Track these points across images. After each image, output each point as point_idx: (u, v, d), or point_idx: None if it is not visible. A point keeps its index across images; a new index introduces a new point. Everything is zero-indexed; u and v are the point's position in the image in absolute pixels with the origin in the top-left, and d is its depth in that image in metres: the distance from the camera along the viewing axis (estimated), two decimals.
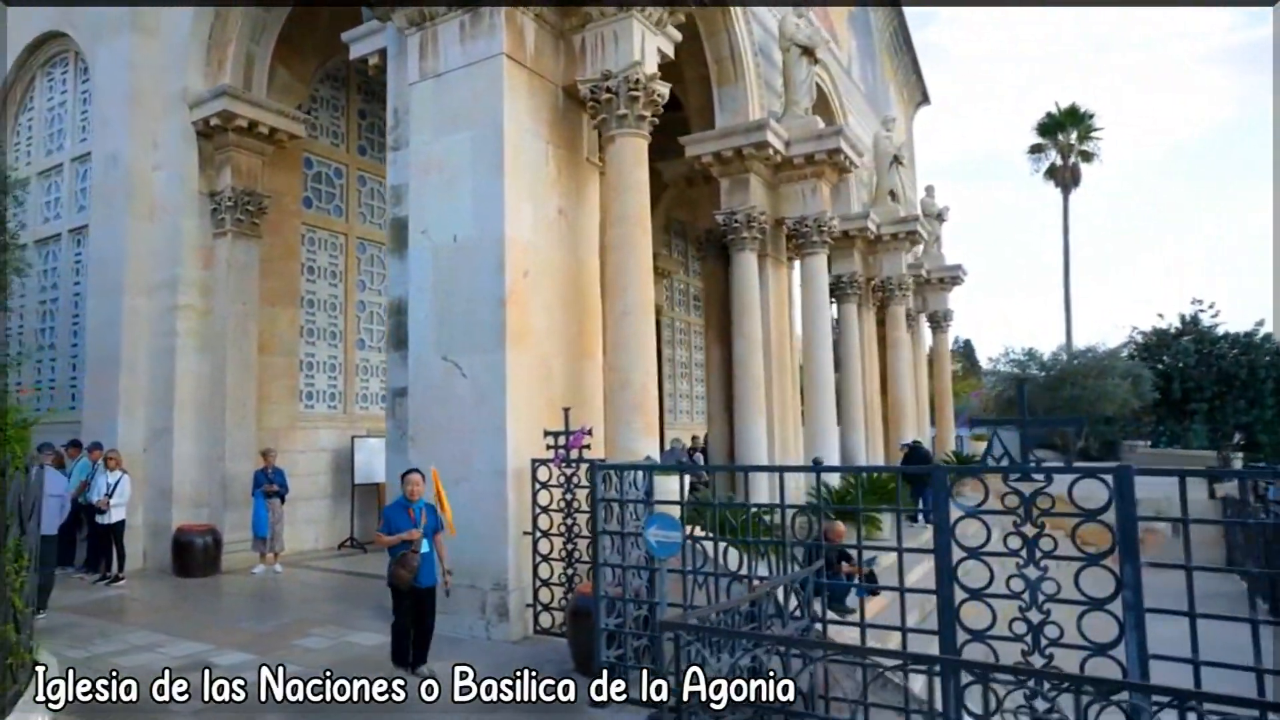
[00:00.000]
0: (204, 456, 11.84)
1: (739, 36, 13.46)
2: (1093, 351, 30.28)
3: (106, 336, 11.90)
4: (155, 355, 11.85)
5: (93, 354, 12.14)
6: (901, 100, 25.50)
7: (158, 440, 11.78)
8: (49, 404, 13.29)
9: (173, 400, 11.65)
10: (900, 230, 18.80)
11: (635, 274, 8.87)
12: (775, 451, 13.99)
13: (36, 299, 13.76)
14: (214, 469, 11.82)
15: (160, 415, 11.75)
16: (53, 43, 13.86)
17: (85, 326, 12.53)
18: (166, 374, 11.72)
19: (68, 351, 13.08)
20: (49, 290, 13.55)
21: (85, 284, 12.63)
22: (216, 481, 11.81)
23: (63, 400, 12.96)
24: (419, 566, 6.87)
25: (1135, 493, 5.00)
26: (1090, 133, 40.84)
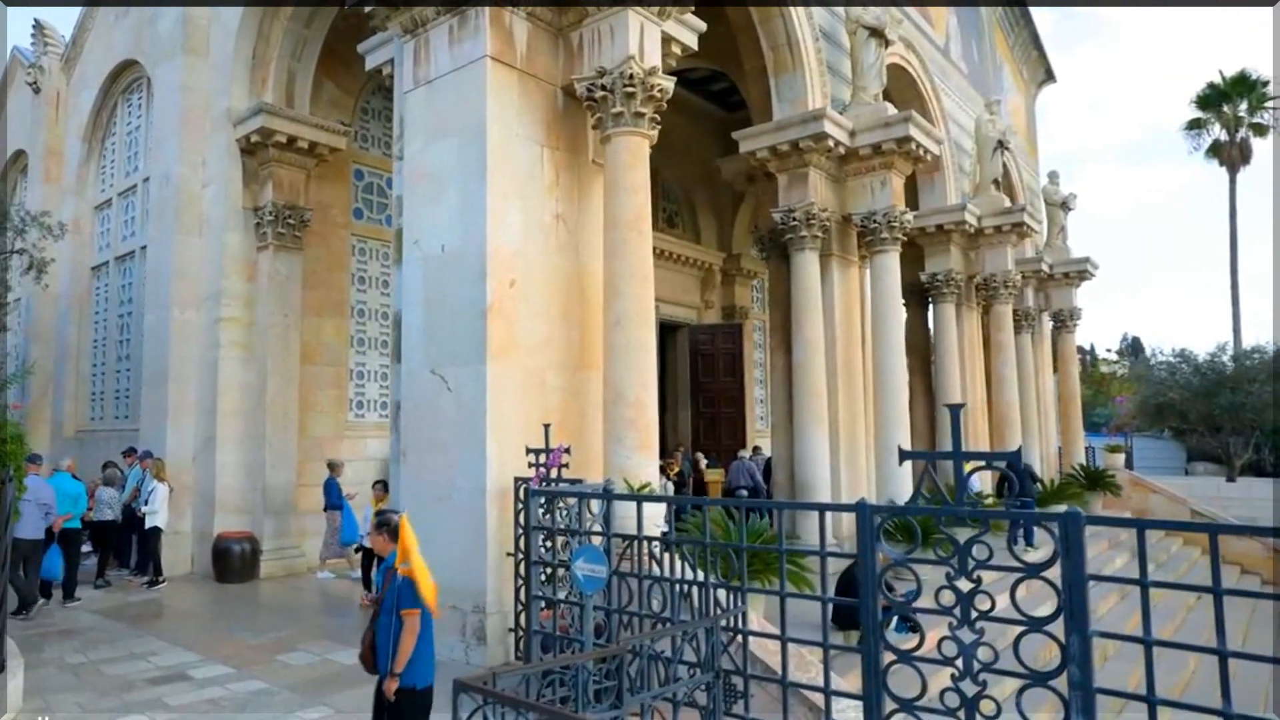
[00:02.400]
0: (246, 465, 12.12)
1: (796, 22, 12.55)
2: (1261, 353, 26.79)
3: (158, 348, 12.41)
4: (202, 366, 12.24)
5: (148, 365, 12.69)
6: (1020, 80, 23.41)
7: (204, 449, 12.13)
8: (125, 413, 14.02)
9: (217, 410, 11.95)
10: (1005, 223, 17.13)
11: (629, 281, 8.26)
12: (841, 465, 13.01)
13: (116, 312, 14.55)
14: (255, 477, 12.08)
15: (206, 425, 12.12)
16: (129, 70, 14.69)
17: (143, 338, 13.07)
18: (212, 385, 12.10)
19: (139, 362, 13.75)
20: (126, 304, 14.29)
21: (145, 297, 13.17)
22: (258, 490, 12.05)
23: (134, 410, 13.58)
24: (373, 645, 4.61)
25: (1085, 547, 3.99)
26: (1264, 102, 35.94)
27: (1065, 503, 18.33)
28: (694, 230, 21.19)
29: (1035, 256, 20.35)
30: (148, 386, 12.65)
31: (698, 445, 19.24)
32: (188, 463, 12.14)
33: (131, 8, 14.41)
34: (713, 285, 21.43)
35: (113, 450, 12.88)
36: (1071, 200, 21.69)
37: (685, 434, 19.94)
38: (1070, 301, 21.96)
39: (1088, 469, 20.76)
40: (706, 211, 21.33)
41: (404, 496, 8.38)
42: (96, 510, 11.28)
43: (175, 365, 12.16)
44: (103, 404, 14.87)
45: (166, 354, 12.19)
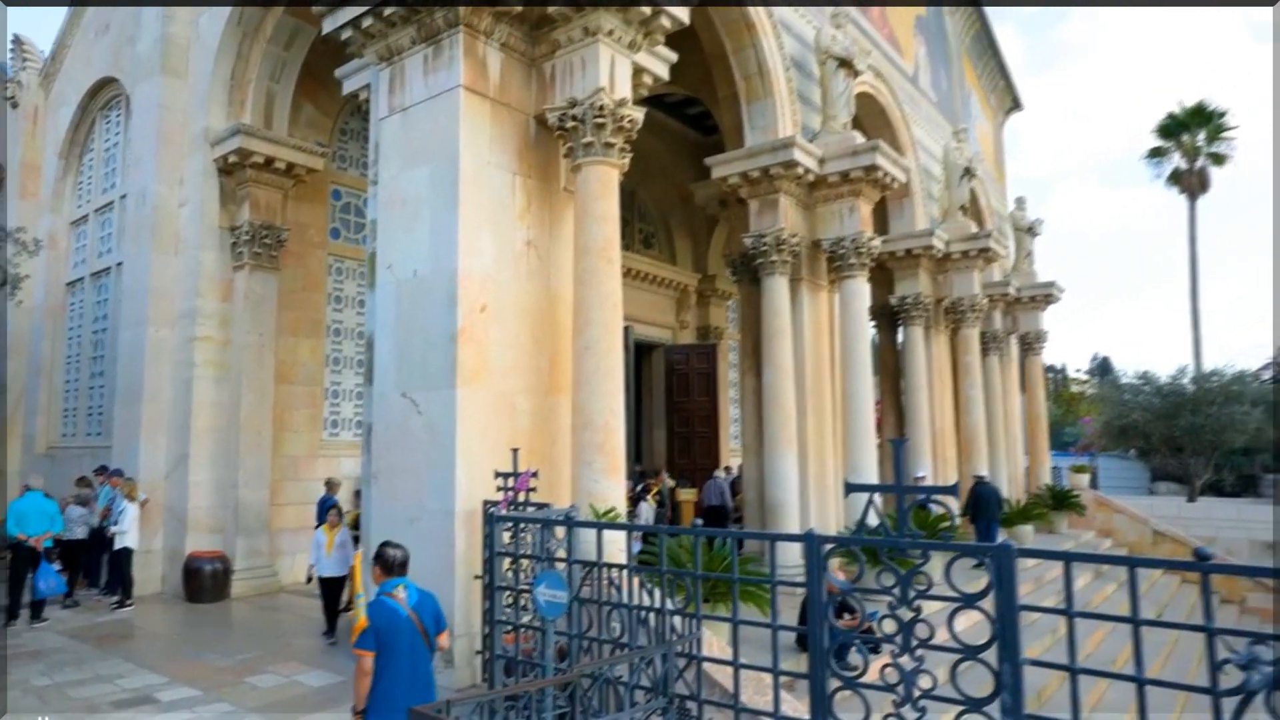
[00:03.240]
0: (219, 484, 12.17)
1: (767, 51, 12.84)
2: (1218, 375, 27.43)
3: (133, 366, 12.45)
4: (176, 384, 12.30)
5: (122, 382, 12.72)
6: (988, 108, 23.95)
7: (176, 468, 12.18)
8: (98, 429, 14.03)
9: (190, 429, 12.01)
10: (972, 248, 17.54)
11: (599, 308, 8.44)
12: (810, 486, 13.22)
13: (91, 329, 14.58)
14: (228, 496, 12.12)
15: (179, 443, 12.17)
16: (108, 88, 14.79)
17: (117, 355, 13.11)
18: (186, 403, 12.14)
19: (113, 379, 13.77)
20: (101, 320, 14.33)
21: (120, 315, 13.22)
22: (230, 509, 12.09)
23: (107, 427, 13.60)
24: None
25: (1017, 578, 4.20)
26: (1220, 133, 37.00)
27: (1031, 523, 18.73)
28: (670, 251, 21.45)
29: (1002, 280, 20.76)
30: (121, 404, 12.68)
31: (673, 464, 19.44)
32: (160, 481, 12.17)
33: (112, 25, 14.52)
34: (688, 306, 21.71)
35: (85, 467, 12.88)
36: (1038, 225, 22.20)
37: (660, 453, 20.13)
38: (1037, 324, 22.41)
39: (1054, 489, 21.17)
40: (682, 233, 21.62)
41: (375, 519, 8.48)
42: (66, 529, 11.30)
43: (149, 383, 12.20)
44: (75, 420, 14.87)
45: (141, 371, 12.22)
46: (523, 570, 6.75)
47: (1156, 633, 13.45)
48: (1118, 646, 12.05)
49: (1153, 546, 21.97)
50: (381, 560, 4.97)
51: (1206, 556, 3.77)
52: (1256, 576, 4.42)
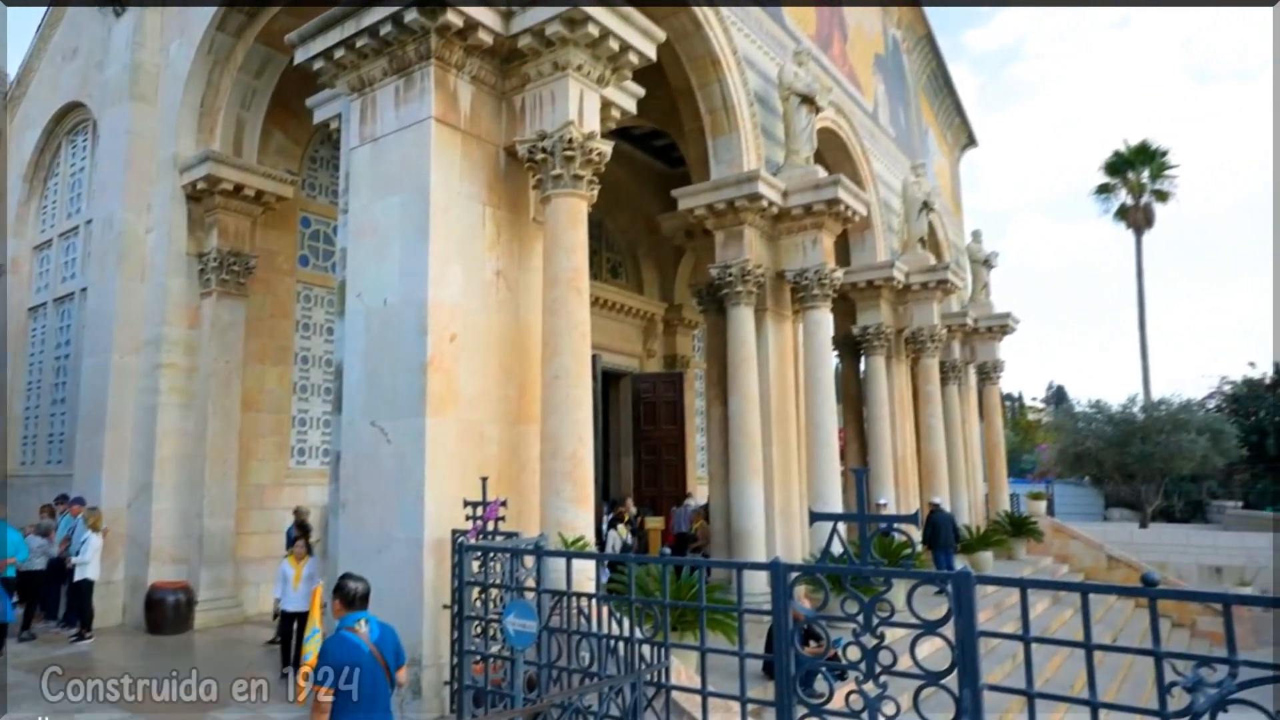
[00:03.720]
0: (183, 513, 12.03)
1: (731, 86, 13.15)
2: (1166, 405, 28.22)
3: (96, 393, 12.31)
4: (140, 412, 12.17)
5: (84, 410, 12.56)
6: (945, 144, 24.64)
7: (139, 496, 12.02)
8: (58, 457, 13.81)
9: (155, 457, 11.88)
10: (931, 279, 17.98)
11: (567, 338, 8.55)
12: (775, 514, 13.37)
13: (53, 355, 14.40)
14: (192, 525, 11.98)
15: (143, 471, 12.02)
16: (75, 112, 14.71)
17: (80, 382, 12.96)
18: (150, 430, 12.01)
19: (75, 406, 13.58)
20: (63, 346, 14.16)
21: (83, 342, 13.08)
22: (194, 538, 11.95)
23: (68, 455, 13.40)
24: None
25: (976, 605, 4.38)
26: (1163, 171, 38.45)
27: (991, 549, 19.06)
28: (637, 281, 21.66)
29: (960, 311, 21.25)
30: (83, 431, 12.51)
31: (640, 492, 19.51)
32: (122, 510, 12.00)
33: (80, 50, 14.47)
34: (655, 335, 21.90)
35: (44, 496, 12.67)
36: (994, 258, 22.80)
37: (628, 481, 20.21)
38: (994, 354, 22.93)
39: (1012, 516, 21.56)
40: (649, 263, 21.85)
41: (343, 548, 8.46)
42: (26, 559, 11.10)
43: (113, 410, 12.06)
44: (35, 448, 14.61)
45: (104, 399, 12.08)
46: (492, 600, 6.79)
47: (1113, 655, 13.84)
48: (1077, 669, 12.31)
49: (1108, 572, 22.41)
50: (342, 594, 4.92)
51: (1153, 582, 3.97)
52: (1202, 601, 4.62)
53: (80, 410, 12.73)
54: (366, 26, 8.54)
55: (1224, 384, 31.16)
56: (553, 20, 8.40)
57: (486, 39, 8.60)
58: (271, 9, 12.14)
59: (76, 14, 14.83)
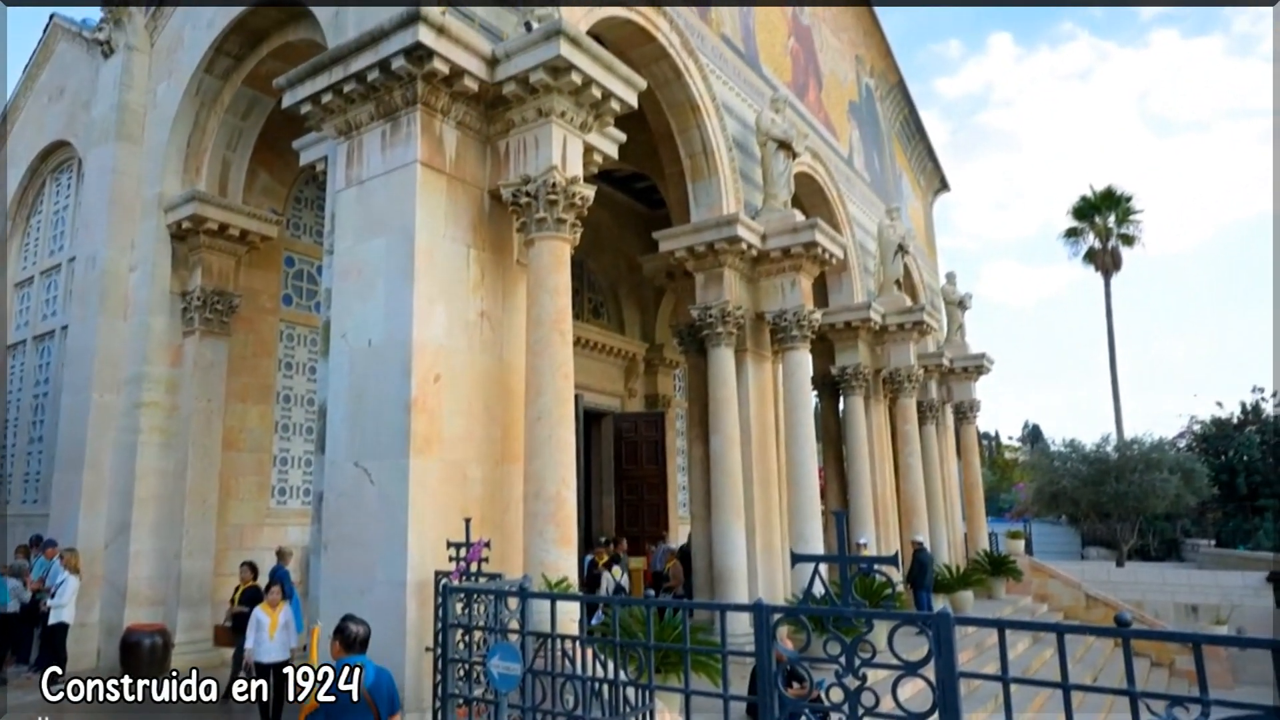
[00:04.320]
0: (161, 553, 11.93)
1: (710, 132, 13.43)
2: (1139, 444, 28.61)
3: (75, 432, 12.25)
4: (119, 451, 12.10)
5: (62, 449, 12.48)
6: (918, 188, 25.16)
7: (117, 537, 11.91)
8: (34, 497, 13.67)
9: (133, 497, 11.80)
10: (907, 320, 18.26)
11: (551, 378, 8.65)
12: (757, 554, 13.39)
13: (31, 393, 14.31)
14: (170, 567, 11.87)
15: (121, 511, 11.92)
16: (60, 151, 14.82)
17: (58, 421, 12.89)
18: (129, 470, 11.94)
19: (53, 445, 13.48)
20: (42, 384, 14.09)
21: (63, 380, 13.04)
22: (172, 579, 11.84)
23: (45, 494, 13.27)
24: None
25: (956, 646, 4.47)
26: (1129, 215, 39.44)
27: (971, 589, 19.16)
28: (618, 321, 21.82)
29: (936, 352, 21.52)
30: (61, 470, 12.41)
31: (622, 531, 19.46)
32: (99, 551, 11.87)
33: (67, 90, 14.60)
34: (636, 374, 22.01)
35: (19, 536, 12.55)
36: (968, 300, 23.19)
37: (610, 520, 20.18)
38: (970, 394, 23.21)
39: (991, 555, 21.70)
40: (630, 303, 22.04)
41: (324, 589, 8.42)
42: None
43: (91, 449, 11.99)
44: (10, 487, 14.46)
45: (83, 437, 12.02)
46: (475, 642, 6.78)
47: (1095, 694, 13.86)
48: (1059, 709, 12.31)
49: (1086, 610, 22.54)
50: (342, 636, 4.94)
51: (1126, 622, 4.07)
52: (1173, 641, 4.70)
53: (58, 449, 12.65)
54: (354, 72, 8.71)
55: (1193, 423, 31.70)
56: (537, 68, 8.61)
57: (472, 85, 8.79)
58: (259, 53, 12.32)
59: (65, 54, 14.98)
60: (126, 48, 13.26)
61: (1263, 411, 29.89)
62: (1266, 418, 29.67)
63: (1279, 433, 28.96)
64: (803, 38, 18.58)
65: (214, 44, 12.17)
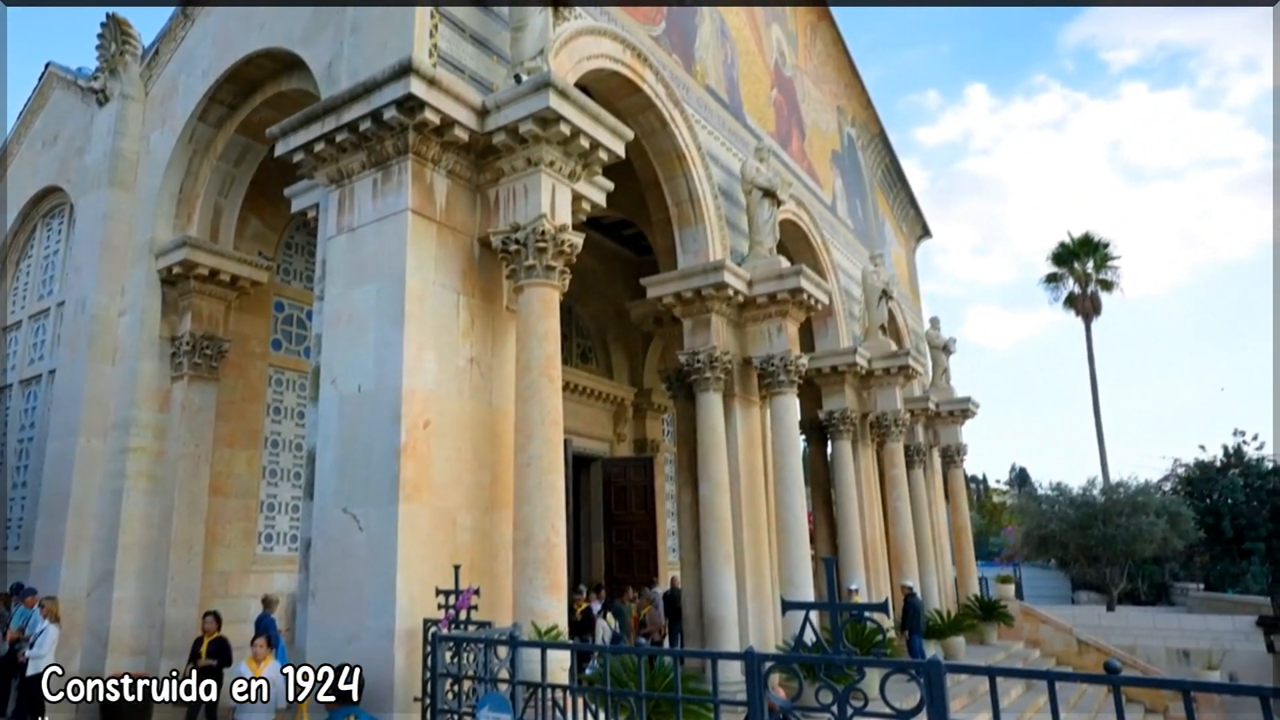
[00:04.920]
0: (145, 601, 11.77)
1: (697, 180, 13.65)
2: (1124, 487, 28.74)
3: (60, 477, 12.15)
4: (104, 497, 12.00)
5: (46, 495, 12.37)
6: (900, 234, 25.58)
7: (100, 585, 11.76)
8: (16, 543, 13.52)
9: (117, 543, 11.68)
10: (893, 365, 18.44)
11: (540, 425, 8.68)
12: (748, 600, 13.32)
13: (16, 438, 14.22)
14: (154, 615, 11.71)
15: (104, 558, 11.77)
16: (52, 196, 14.92)
17: (43, 466, 12.80)
18: (113, 516, 11.82)
19: (37, 491, 13.37)
20: (28, 429, 14.01)
21: (49, 425, 12.98)
22: (156, 628, 11.67)
23: (26, 541, 13.13)
24: None
25: (947, 693, 4.49)
26: (1107, 261, 40.12)
27: (963, 634, 19.09)
28: (606, 366, 21.91)
29: (922, 396, 21.69)
30: (44, 517, 12.27)
31: (611, 578, 19.33)
32: (81, 599, 11.71)
33: (61, 137, 14.73)
34: (625, 419, 22.03)
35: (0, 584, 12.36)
36: (952, 344, 23.44)
37: (599, 566, 20.05)
38: (957, 438, 23.33)
39: (982, 600, 21.64)
40: (618, 348, 22.14)
41: (312, 637, 8.34)
42: None
43: (76, 495, 11.87)
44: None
45: (68, 483, 11.91)
46: (465, 692, 6.71)
47: None
48: None
49: (1078, 656, 22.44)
50: None
51: (1116, 669, 4.11)
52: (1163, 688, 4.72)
53: (42, 495, 12.53)
54: (346, 122, 8.85)
55: (1177, 466, 31.86)
56: (526, 119, 8.78)
57: (462, 135, 8.94)
58: (253, 101, 12.50)
59: (59, 102, 15.14)
60: (121, 96, 13.42)
61: (1245, 454, 30.14)
62: (1249, 460, 29.90)
63: (1262, 476, 29.16)
64: (785, 89, 19.00)
65: (208, 93, 12.33)
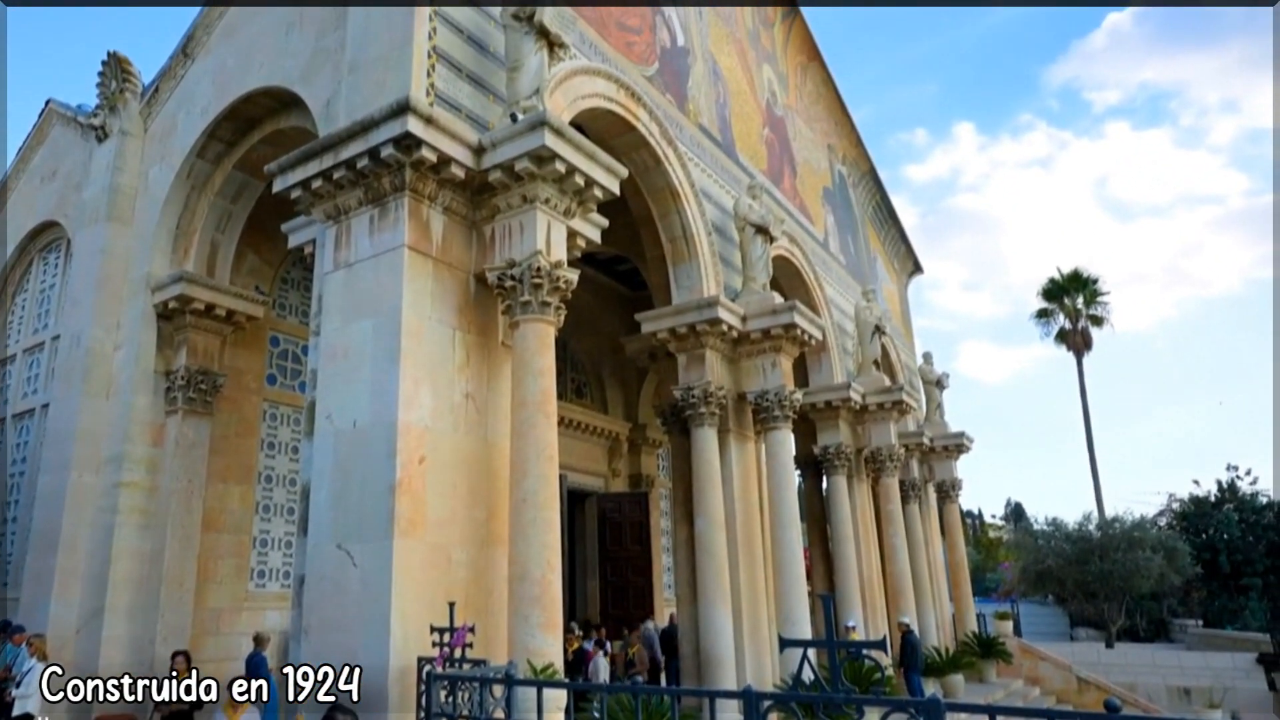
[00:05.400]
0: (134, 639, 11.65)
1: (690, 217, 13.77)
2: (1120, 522, 28.69)
3: (51, 512, 12.07)
4: (95, 532, 11.92)
5: (36, 530, 12.30)
6: (892, 270, 25.79)
7: (90, 622, 11.65)
8: (4, 580, 13.40)
9: (108, 580, 11.59)
10: (886, 400, 18.48)
11: (535, 460, 8.68)
12: (744, 638, 13.21)
13: (7, 472, 14.16)
14: (144, 652, 11.58)
15: (94, 595, 11.67)
16: (49, 231, 15.01)
17: (34, 501, 12.72)
18: (104, 552, 11.73)
19: (27, 526, 13.27)
20: (19, 464, 13.95)
21: (41, 459, 12.93)
22: (145, 665, 11.52)
23: (16, 576, 13.01)
24: None
25: None
26: (1096, 297, 40.44)
27: (961, 672, 18.93)
28: (601, 400, 21.93)
29: (917, 431, 21.72)
30: (34, 552, 12.18)
31: (607, 615, 19.19)
32: (70, 636, 11.59)
33: (59, 172, 14.86)
34: (620, 454, 22.00)
35: None
36: (945, 379, 23.53)
37: (594, 603, 19.91)
38: (952, 473, 23.32)
39: (980, 637, 21.49)
40: (613, 383, 22.17)
41: None
42: None
43: (67, 530, 11.79)
44: None
45: (59, 518, 11.84)
46: None
47: None
48: None
49: (1078, 694, 22.25)
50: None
51: (1116, 708, 4.08)
52: None
53: (33, 530, 12.44)
54: (344, 159, 8.95)
55: (1172, 501, 31.86)
56: (522, 157, 8.89)
57: (459, 173, 9.04)
58: (251, 138, 12.63)
59: (59, 138, 15.29)
60: (121, 132, 13.55)
61: (1239, 489, 30.13)
62: (1243, 495, 29.89)
63: (1257, 511, 29.13)
64: (777, 128, 19.27)
65: (207, 129, 12.47)
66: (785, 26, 20.92)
